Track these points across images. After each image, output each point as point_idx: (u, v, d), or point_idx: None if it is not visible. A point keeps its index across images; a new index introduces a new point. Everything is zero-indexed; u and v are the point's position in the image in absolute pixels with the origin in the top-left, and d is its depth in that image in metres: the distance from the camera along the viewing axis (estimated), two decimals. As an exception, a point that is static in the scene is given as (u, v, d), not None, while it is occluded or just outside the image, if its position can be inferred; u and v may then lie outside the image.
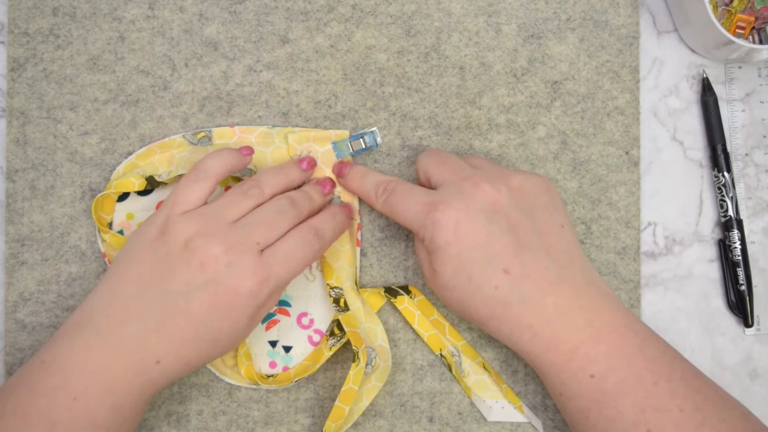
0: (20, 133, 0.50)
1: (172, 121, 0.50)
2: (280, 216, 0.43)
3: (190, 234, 0.41)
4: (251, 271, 0.40)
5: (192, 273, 0.40)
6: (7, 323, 0.49)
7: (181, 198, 0.42)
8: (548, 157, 0.50)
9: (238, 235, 0.41)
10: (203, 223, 0.41)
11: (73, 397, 0.39)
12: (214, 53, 0.50)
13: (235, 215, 0.42)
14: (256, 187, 0.44)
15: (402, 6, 0.50)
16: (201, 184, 0.43)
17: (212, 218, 0.42)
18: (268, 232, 0.42)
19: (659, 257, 0.51)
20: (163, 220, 0.42)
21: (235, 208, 0.42)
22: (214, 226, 0.41)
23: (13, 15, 0.50)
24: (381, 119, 0.50)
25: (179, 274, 0.40)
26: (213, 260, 0.40)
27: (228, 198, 0.43)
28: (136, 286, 0.41)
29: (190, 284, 0.40)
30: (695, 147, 0.51)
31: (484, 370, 0.48)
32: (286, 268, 0.42)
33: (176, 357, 0.40)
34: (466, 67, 0.50)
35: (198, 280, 0.40)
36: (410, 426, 0.49)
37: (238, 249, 0.40)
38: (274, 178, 0.45)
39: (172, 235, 0.41)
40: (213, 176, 0.43)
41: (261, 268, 0.41)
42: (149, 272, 0.41)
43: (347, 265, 0.48)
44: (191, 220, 0.41)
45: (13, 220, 0.49)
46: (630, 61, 0.50)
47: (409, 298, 0.49)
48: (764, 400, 0.50)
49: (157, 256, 0.41)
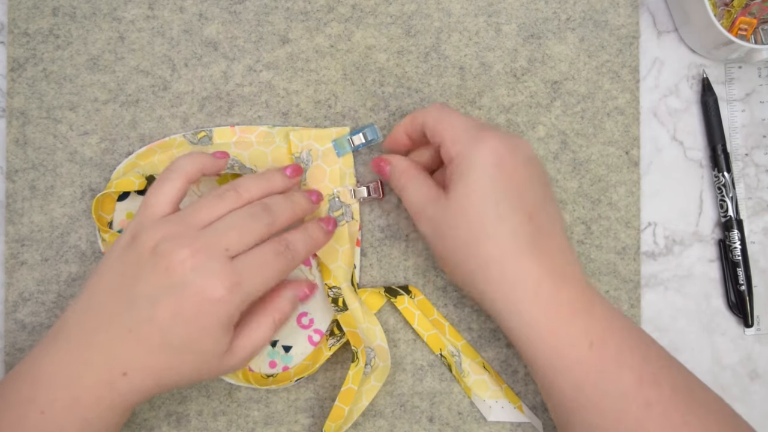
0: (20, 133, 0.50)
1: (172, 121, 0.50)
2: (253, 222, 0.41)
3: (158, 238, 0.40)
4: (220, 276, 0.38)
5: (158, 277, 0.39)
6: (7, 323, 0.49)
7: (152, 200, 0.42)
8: (548, 157, 0.50)
9: (206, 240, 0.39)
10: (172, 227, 0.40)
11: (41, 410, 0.38)
12: (214, 53, 0.50)
13: (207, 219, 0.41)
14: (232, 191, 0.42)
15: (402, 6, 0.50)
16: (170, 184, 0.42)
17: (182, 222, 0.40)
18: (239, 238, 0.40)
19: (659, 257, 0.51)
20: (135, 224, 0.41)
21: (207, 212, 0.41)
22: (183, 230, 0.40)
23: (13, 15, 0.50)
24: (381, 119, 0.50)
25: (146, 279, 0.39)
26: (179, 264, 0.38)
27: (201, 201, 0.41)
28: (106, 294, 0.40)
29: (156, 289, 0.39)
30: (695, 147, 0.51)
31: (484, 369, 0.48)
32: (259, 277, 0.40)
33: (143, 368, 0.39)
34: (466, 67, 0.50)
35: (164, 284, 0.39)
36: (410, 426, 0.49)
37: (205, 253, 0.39)
38: (253, 182, 0.43)
39: (141, 240, 0.40)
40: (183, 175, 0.42)
41: (230, 274, 0.39)
42: (119, 278, 0.40)
43: (345, 265, 0.48)
44: (161, 225, 0.40)
45: (13, 220, 0.49)
46: (630, 61, 0.50)
47: (409, 298, 0.49)
48: (764, 400, 0.50)
49: (127, 262, 0.40)
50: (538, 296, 0.40)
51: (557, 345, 0.40)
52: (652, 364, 0.40)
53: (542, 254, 0.40)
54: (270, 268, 0.40)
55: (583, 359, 0.39)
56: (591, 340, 0.39)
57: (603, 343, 0.39)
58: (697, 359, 0.50)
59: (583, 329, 0.40)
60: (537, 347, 0.40)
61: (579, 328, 0.40)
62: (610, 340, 0.40)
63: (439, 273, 0.50)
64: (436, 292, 0.49)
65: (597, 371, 0.39)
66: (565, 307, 0.40)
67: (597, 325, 0.40)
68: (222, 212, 0.41)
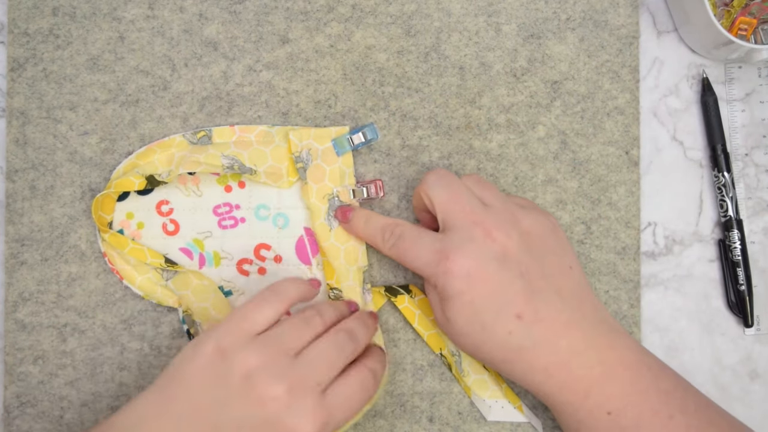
0: (20, 133, 0.50)
1: (172, 121, 0.50)
2: (340, 353, 0.41)
3: (251, 366, 0.39)
4: (312, 415, 0.38)
5: (250, 407, 0.38)
6: (7, 323, 0.49)
7: (251, 316, 0.41)
8: (548, 157, 0.50)
9: (300, 374, 0.39)
10: (266, 354, 0.39)
11: None
12: (214, 53, 0.50)
13: (297, 346, 0.41)
14: (317, 317, 0.43)
15: (402, 6, 0.50)
16: (274, 307, 0.42)
17: (275, 349, 0.40)
18: (329, 371, 0.40)
19: (659, 257, 0.51)
20: (224, 334, 0.40)
21: (296, 339, 0.41)
22: (277, 360, 0.39)
23: (13, 15, 0.50)
24: (381, 119, 0.50)
25: (236, 406, 0.38)
26: (273, 399, 0.38)
27: (289, 325, 0.41)
28: (189, 406, 0.39)
29: (244, 418, 0.38)
30: (695, 147, 0.51)
31: (483, 369, 0.48)
32: (347, 412, 0.40)
33: None
34: (466, 67, 0.50)
35: (255, 416, 0.38)
36: (410, 426, 0.49)
37: (300, 390, 0.39)
38: (332, 309, 0.44)
39: (232, 363, 0.39)
40: (287, 300, 0.42)
41: (322, 413, 0.39)
42: (204, 396, 0.39)
43: (348, 264, 0.48)
44: (254, 351, 0.39)
45: (13, 220, 0.49)
46: (630, 61, 0.50)
47: (410, 297, 0.49)
48: (764, 400, 0.50)
49: (214, 382, 0.39)
50: (547, 381, 0.42)
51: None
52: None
53: (537, 346, 0.41)
54: (357, 400, 0.41)
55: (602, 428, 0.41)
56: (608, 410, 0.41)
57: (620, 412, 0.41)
58: (697, 359, 0.50)
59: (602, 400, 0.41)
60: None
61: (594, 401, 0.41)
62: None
63: (439, 273, 0.50)
64: (436, 292, 0.49)
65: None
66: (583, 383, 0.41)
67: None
68: (309, 338, 0.41)
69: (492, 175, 0.50)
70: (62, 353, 0.49)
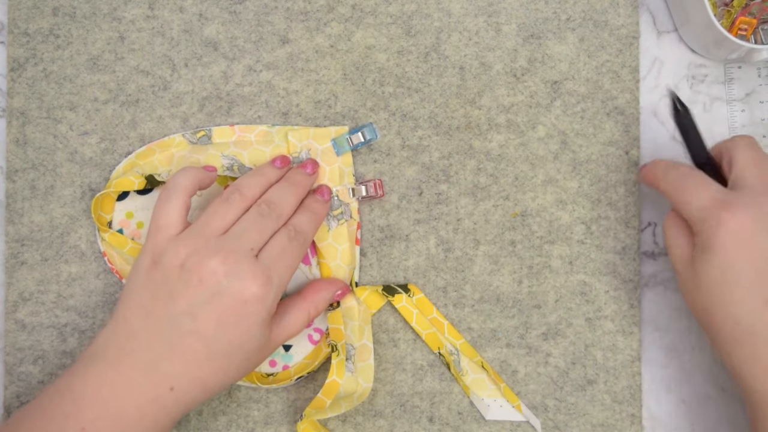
0: (20, 133, 0.50)
1: (172, 121, 0.50)
2: (265, 220, 0.43)
3: (182, 256, 0.41)
4: (252, 275, 0.40)
5: (193, 291, 0.40)
6: (7, 323, 0.49)
7: (161, 221, 0.42)
8: (548, 157, 0.50)
9: (230, 245, 0.41)
10: (192, 241, 0.41)
11: (82, 427, 0.39)
12: (214, 53, 0.50)
13: (222, 227, 0.42)
14: (236, 193, 0.43)
15: (402, 6, 0.50)
16: (174, 202, 0.43)
17: (200, 235, 0.41)
18: (258, 237, 0.42)
19: (659, 257, 0.51)
20: (150, 247, 0.42)
21: (219, 220, 0.42)
22: (204, 242, 0.41)
23: (13, 15, 0.50)
24: (381, 119, 0.50)
25: (181, 296, 0.40)
26: (211, 273, 0.40)
27: (211, 210, 0.43)
28: (140, 316, 0.41)
29: (193, 303, 0.40)
30: (695, 147, 0.51)
31: (482, 369, 0.48)
32: (284, 265, 0.42)
33: (190, 380, 0.40)
34: (466, 67, 0.50)
35: (200, 296, 0.40)
36: (410, 426, 0.49)
37: (234, 257, 0.40)
38: (252, 180, 0.45)
39: (166, 261, 0.41)
40: (182, 191, 0.43)
41: (261, 271, 0.40)
42: (151, 300, 0.41)
43: (344, 264, 0.48)
44: (181, 242, 0.41)
45: (13, 220, 0.49)
46: (630, 61, 0.50)
47: (407, 296, 0.49)
48: (764, 400, 0.50)
49: (156, 284, 0.41)
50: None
51: None
52: None
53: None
54: (289, 255, 0.42)
55: None
56: None
57: None
58: (697, 359, 0.50)
59: None
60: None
61: None
62: None
63: (439, 273, 0.50)
64: (436, 292, 0.49)
65: None
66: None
67: None
68: (233, 217, 0.43)
69: (492, 175, 0.50)
70: (62, 353, 0.49)
